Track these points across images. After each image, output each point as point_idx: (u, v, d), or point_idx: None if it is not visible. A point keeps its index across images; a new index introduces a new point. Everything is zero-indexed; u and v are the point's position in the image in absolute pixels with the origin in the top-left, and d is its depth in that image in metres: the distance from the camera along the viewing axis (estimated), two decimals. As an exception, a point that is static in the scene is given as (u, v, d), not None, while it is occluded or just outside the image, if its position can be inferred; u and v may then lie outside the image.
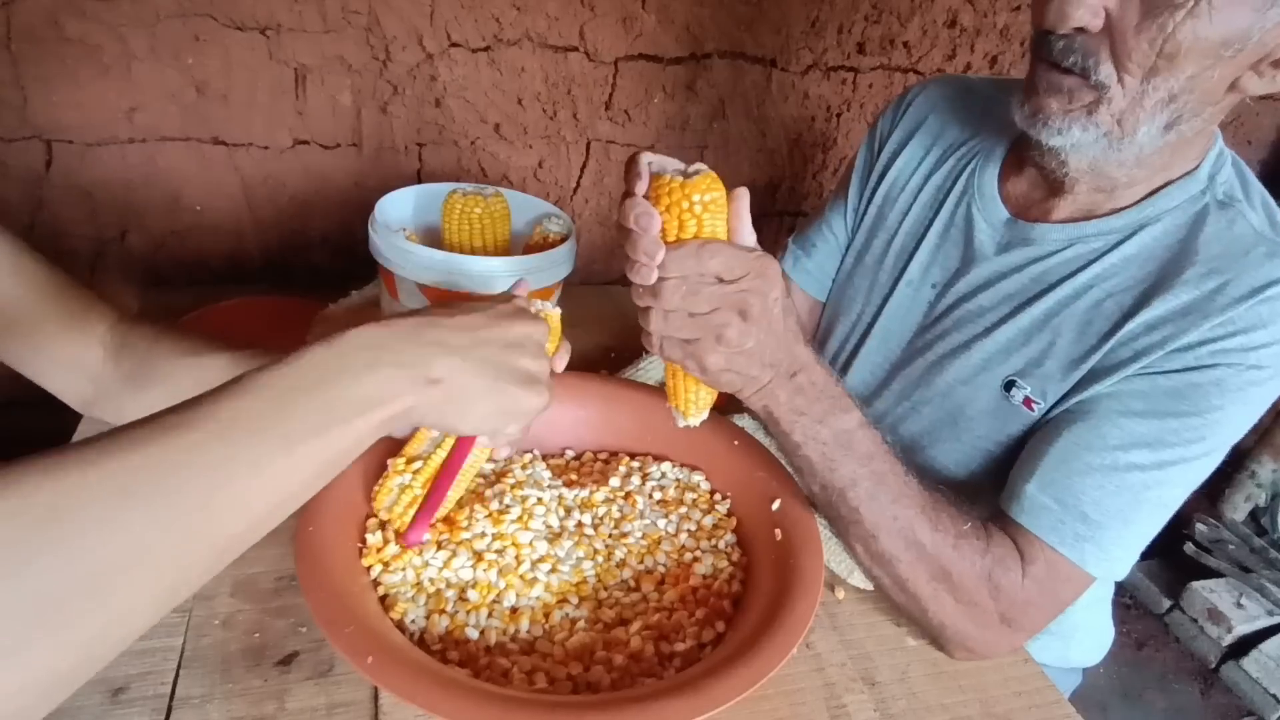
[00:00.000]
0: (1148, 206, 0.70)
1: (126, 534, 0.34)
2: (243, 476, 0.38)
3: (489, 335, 0.50)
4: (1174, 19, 0.57)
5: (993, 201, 0.79)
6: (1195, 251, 0.67)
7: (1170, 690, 1.85)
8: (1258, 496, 2.17)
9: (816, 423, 0.65)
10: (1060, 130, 0.65)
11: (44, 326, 0.62)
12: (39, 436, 0.84)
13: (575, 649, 0.61)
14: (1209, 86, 0.61)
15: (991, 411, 0.76)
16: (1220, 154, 0.71)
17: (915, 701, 0.66)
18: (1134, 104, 0.62)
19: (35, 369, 0.63)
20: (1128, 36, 0.59)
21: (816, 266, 0.97)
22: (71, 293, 0.64)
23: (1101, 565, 0.65)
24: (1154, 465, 0.65)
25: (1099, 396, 0.68)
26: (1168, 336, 0.65)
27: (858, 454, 0.65)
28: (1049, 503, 0.66)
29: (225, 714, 0.57)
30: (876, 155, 0.92)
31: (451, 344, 0.48)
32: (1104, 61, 0.61)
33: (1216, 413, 0.64)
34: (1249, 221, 0.67)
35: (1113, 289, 0.70)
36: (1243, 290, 0.64)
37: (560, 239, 0.87)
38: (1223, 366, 0.64)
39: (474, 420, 0.49)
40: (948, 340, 0.80)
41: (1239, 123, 1.76)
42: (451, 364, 0.47)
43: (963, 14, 1.38)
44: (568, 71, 1.22)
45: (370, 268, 0.86)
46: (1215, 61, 0.59)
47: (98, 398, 0.66)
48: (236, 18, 1.04)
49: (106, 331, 0.65)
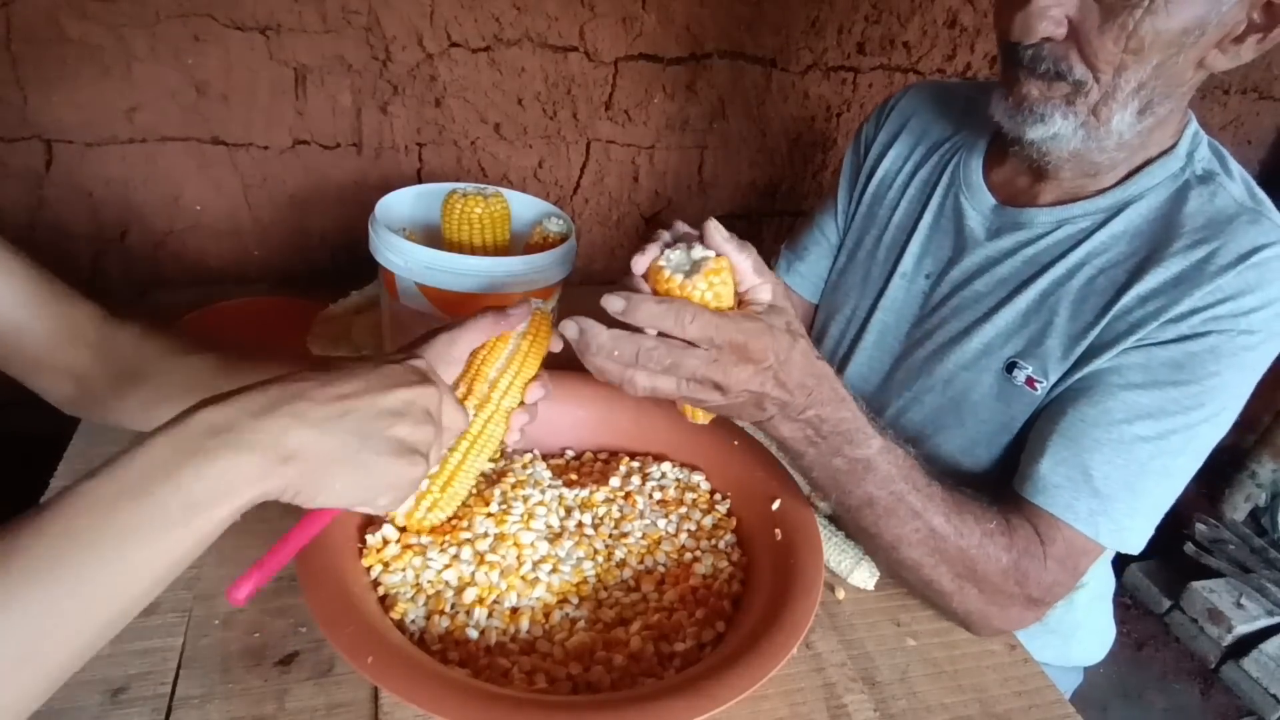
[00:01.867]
0: (1131, 185, 0.72)
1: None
2: (78, 596, 0.37)
3: (359, 404, 0.47)
4: (1133, 17, 0.60)
5: (979, 191, 0.81)
6: (1181, 224, 0.69)
7: (1170, 690, 1.85)
8: (1258, 496, 2.17)
9: (829, 454, 0.63)
10: (1043, 117, 0.67)
11: (25, 325, 0.60)
12: (39, 437, 0.85)
13: (575, 649, 0.61)
14: (1176, 70, 0.64)
15: (995, 395, 0.77)
16: (1196, 134, 0.73)
17: (915, 701, 0.66)
18: (1107, 96, 0.65)
19: (17, 368, 0.62)
20: (1092, 39, 0.62)
21: (809, 269, 0.99)
22: (54, 290, 0.62)
23: (1116, 537, 0.67)
24: (1157, 435, 0.67)
25: (1100, 372, 0.69)
26: (1161, 307, 0.67)
27: (875, 478, 0.64)
28: (1061, 481, 0.67)
29: (225, 714, 0.57)
30: (863, 157, 0.95)
31: (310, 416, 0.44)
32: (1076, 63, 0.64)
33: (1214, 379, 0.66)
34: (1229, 193, 0.70)
35: (1104, 265, 0.72)
36: (1230, 257, 0.66)
37: (560, 239, 0.87)
38: (1215, 334, 0.66)
39: (335, 494, 0.46)
40: (946, 328, 0.81)
41: (1239, 122, 1.76)
42: (307, 438, 0.44)
43: (963, 14, 1.38)
44: (568, 71, 1.22)
45: (370, 268, 0.86)
46: (1179, 49, 0.62)
47: (82, 398, 0.64)
48: (236, 18, 1.04)
49: (92, 330, 0.63)
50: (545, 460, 0.79)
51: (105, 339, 0.64)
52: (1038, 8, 0.61)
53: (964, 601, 0.68)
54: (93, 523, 0.38)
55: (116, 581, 0.38)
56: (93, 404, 0.65)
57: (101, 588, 0.38)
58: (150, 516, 0.39)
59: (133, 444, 0.40)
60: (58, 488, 0.74)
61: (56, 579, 0.36)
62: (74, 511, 0.38)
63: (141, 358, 0.64)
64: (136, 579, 0.39)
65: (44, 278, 0.61)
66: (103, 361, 0.63)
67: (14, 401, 1.14)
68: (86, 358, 0.63)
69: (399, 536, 0.65)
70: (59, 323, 0.62)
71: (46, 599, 0.36)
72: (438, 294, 0.79)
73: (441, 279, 0.78)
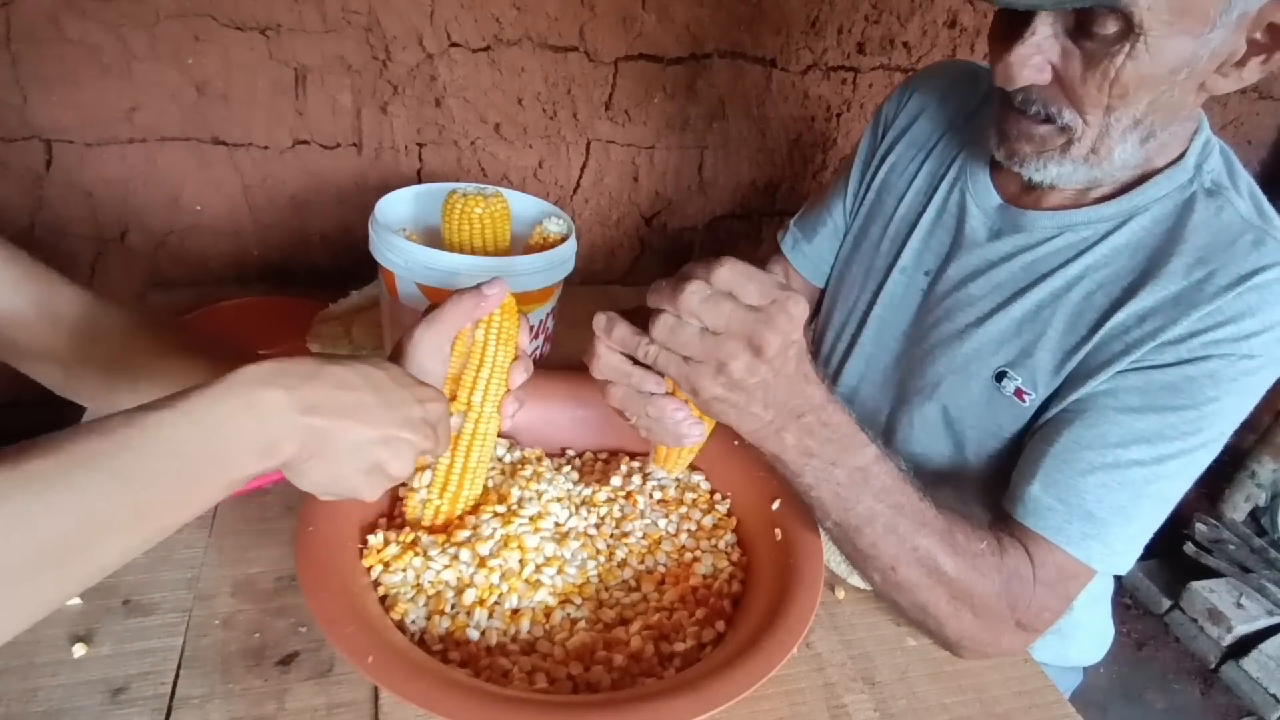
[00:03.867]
0: (1137, 195, 0.70)
1: None
2: (130, 498, 0.39)
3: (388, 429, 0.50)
4: (1114, 64, 0.58)
5: (985, 188, 0.79)
6: (1183, 240, 0.67)
7: (1170, 690, 1.85)
8: (1258, 496, 2.17)
9: (829, 464, 0.61)
10: (1039, 169, 0.67)
11: (3, 312, 0.60)
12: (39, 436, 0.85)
13: (575, 649, 0.61)
14: (1174, 101, 0.62)
15: (983, 402, 0.76)
16: (1207, 143, 0.71)
17: (915, 701, 0.66)
18: (1102, 135, 0.64)
19: (5, 352, 0.62)
20: (1076, 86, 0.61)
21: (815, 251, 0.97)
22: (34, 273, 0.61)
23: (1107, 561, 0.66)
24: (1154, 460, 0.65)
25: (1095, 394, 0.68)
26: (1158, 328, 0.66)
27: (874, 489, 0.62)
28: (1053, 504, 0.66)
29: (225, 714, 0.57)
30: (880, 140, 0.91)
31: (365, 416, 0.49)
32: (1065, 108, 0.63)
33: (1213, 404, 0.65)
34: (1236, 209, 0.68)
35: (1103, 280, 0.71)
36: (1230, 279, 0.64)
37: (560, 239, 0.87)
38: (1215, 358, 0.64)
39: (311, 479, 0.49)
40: (940, 329, 0.80)
41: (1238, 122, 1.76)
42: (341, 426, 0.48)
43: (963, 14, 1.38)
44: (568, 71, 1.22)
45: (370, 268, 0.86)
46: (1170, 85, 0.60)
47: (71, 383, 0.64)
48: (236, 18, 1.04)
49: (74, 315, 0.62)
50: (549, 459, 0.79)
51: (89, 325, 0.63)
52: (1018, 57, 0.60)
53: (959, 626, 0.66)
54: (144, 435, 0.40)
55: (166, 490, 0.41)
56: (82, 389, 0.65)
57: (152, 494, 0.40)
58: (205, 434, 0.42)
59: (185, 390, 0.43)
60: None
61: (116, 474, 0.39)
62: (138, 424, 0.40)
63: (131, 352, 0.63)
64: (184, 497, 0.42)
65: (25, 261, 0.61)
66: (87, 348, 0.63)
67: (14, 402, 1.15)
68: (69, 343, 0.62)
69: (399, 536, 0.65)
70: (39, 307, 0.61)
71: (107, 489, 0.38)
72: (438, 294, 0.79)
73: (441, 279, 0.78)
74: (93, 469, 0.38)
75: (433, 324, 0.59)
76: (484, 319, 0.60)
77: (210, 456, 0.42)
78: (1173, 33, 0.56)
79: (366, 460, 0.50)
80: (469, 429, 0.62)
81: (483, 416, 0.62)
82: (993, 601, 0.65)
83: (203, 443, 0.42)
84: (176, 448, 0.41)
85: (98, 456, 0.38)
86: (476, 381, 0.61)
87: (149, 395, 0.42)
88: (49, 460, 0.37)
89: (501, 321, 0.61)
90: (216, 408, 0.43)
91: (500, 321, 0.61)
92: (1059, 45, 0.60)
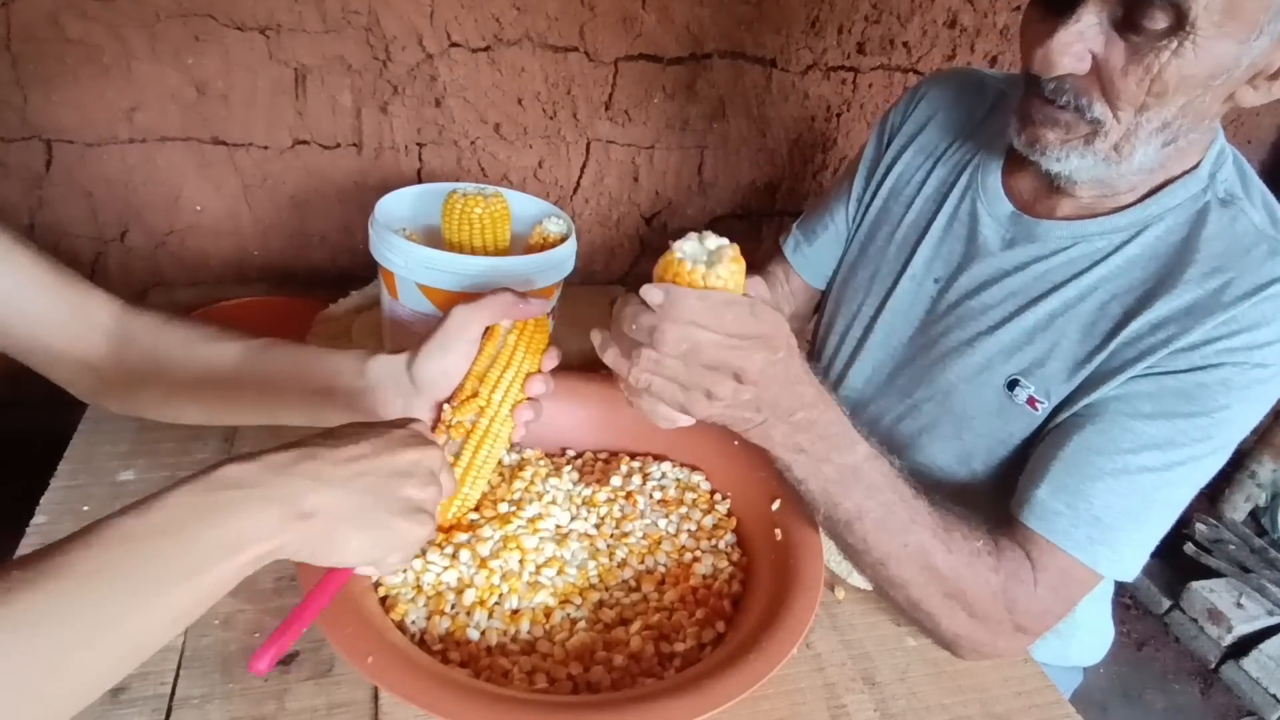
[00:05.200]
0: (1151, 205, 0.70)
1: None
2: (93, 635, 0.37)
3: (371, 465, 0.48)
4: (1159, 60, 0.57)
5: (997, 196, 0.79)
6: (1197, 250, 0.67)
7: (1170, 690, 1.85)
8: (1258, 496, 2.17)
9: (819, 460, 0.62)
10: (1059, 159, 0.66)
11: (42, 316, 0.61)
12: (39, 437, 0.85)
13: (575, 649, 0.61)
14: (1203, 107, 0.62)
15: (994, 411, 0.76)
16: (1221, 151, 0.71)
17: (915, 701, 0.66)
18: (1129, 134, 0.63)
19: (37, 362, 0.63)
20: (1115, 79, 0.60)
21: (816, 254, 0.97)
22: (67, 280, 0.62)
23: (1114, 566, 0.66)
24: (1164, 466, 0.65)
25: (1106, 399, 0.68)
26: (1171, 336, 0.65)
27: (864, 486, 0.63)
28: (1060, 508, 0.66)
29: (225, 714, 0.57)
30: (885, 147, 0.91)
31: (327, 476, 0.46)
32: (1096, 100, 0.62)
33: (1224, 412, 0.65)
34: (1250, 219, 0.67)
35: (1117, 290, 0.70)
36: (1245, 288, 0.64)
37: (560, 239, 0.87)
38: (1228, 366, 0.64)
39: (349, 553, 0.47)
40: (951, 337, 0.79)
41: (1239, 123, 1.76)
42: (325, 497, 0.45)
43: (963, 14, 1.38)
44: (568, 71, 1.22)
45: (370, 268, 0.86)
46: (1205, 90, 0.60)
47: (101, 389, 0.65)
48: (236, 18, 1.04)
49: (110, 322, 0.64)
50: (550, 459, 0.79)
51: (123, 328, 0.64)
52: (1060, 43, 0.59)
53: (953, 624, 0.66)
54: (116, 560, 0.38)
55: (133, 621, 0.38)
56: (114, 394, 0.65)
57: (117, 626, 0.38)
58: (177, 558, 0.40)
59: (157, 492, 0.41)
60: (58, 488, 0.75)
61: (75, 613, 0.36)
62: (101, 546, 0.38)
63: (161, 348, 0.64)
64: (154, 621, 0.40)
65: (57, 268, 0.62)
66: (121, 351, 0.64)
67: (14, 401, 1.15)
68: (104, 347, 0.63)
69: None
70: (75, 313, 0.62)
71: (66, 631, 0.36)
72: (438, 294, 0.79)
73: (441, 279, 0.78)
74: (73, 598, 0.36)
75: (471, 306, 0.61)
76: (518, 325, 0.63)
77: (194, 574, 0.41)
78: (1220, 35, 0.56)
79: (391, 541, 0.49)
80: (483, 424, 0.62)
81: (498, 416, 0.63)
82: (989, 602, 0.65)
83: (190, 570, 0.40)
84: (163, 571, 0.39)
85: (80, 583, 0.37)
86: (500, 380, 0.62)
87: (179, 385, 0.40)
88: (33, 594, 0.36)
89: (534, 332, 0.64)
90: (199, 527, 0.41)
91: (533, 331, 0.63)
92: (1102, 35, 0.59)
